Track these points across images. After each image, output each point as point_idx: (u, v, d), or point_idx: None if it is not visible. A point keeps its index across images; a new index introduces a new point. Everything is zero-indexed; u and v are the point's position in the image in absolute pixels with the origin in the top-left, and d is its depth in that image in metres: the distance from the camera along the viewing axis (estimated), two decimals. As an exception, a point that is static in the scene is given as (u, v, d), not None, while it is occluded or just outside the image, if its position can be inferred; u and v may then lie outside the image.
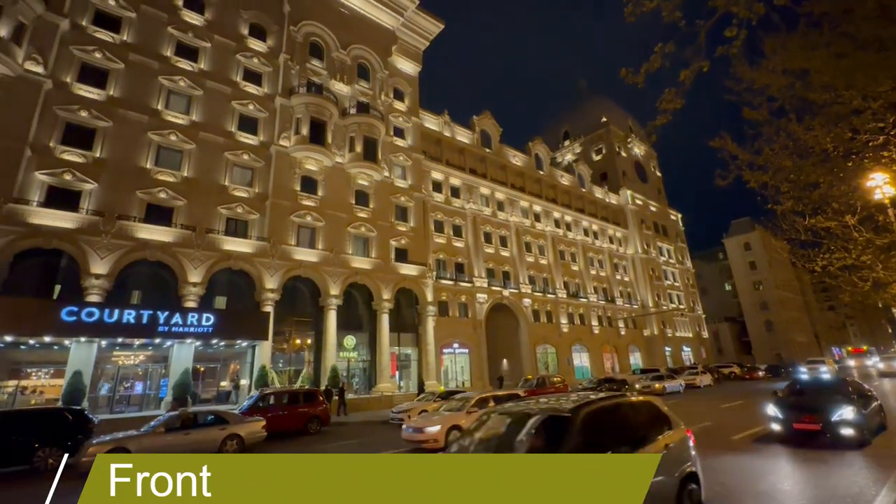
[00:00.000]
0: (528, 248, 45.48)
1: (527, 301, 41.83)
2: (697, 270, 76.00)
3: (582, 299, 48.38)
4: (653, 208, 66.48)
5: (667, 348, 56.70)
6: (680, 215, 73.32)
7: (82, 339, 19.16)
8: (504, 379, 39.10)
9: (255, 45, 30.55)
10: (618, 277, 55.49)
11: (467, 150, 43.99)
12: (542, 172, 51.76)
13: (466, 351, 36.10)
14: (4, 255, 18.79)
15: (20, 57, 21.08)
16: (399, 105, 37.80)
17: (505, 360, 41.72)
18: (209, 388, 24.57)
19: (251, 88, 29.32)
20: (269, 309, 24.84)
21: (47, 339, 18.77)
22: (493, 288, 39.38)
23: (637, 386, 26.75)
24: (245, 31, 30.35)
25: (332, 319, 27.28)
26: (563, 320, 44.92)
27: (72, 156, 21.99)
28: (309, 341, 27.58)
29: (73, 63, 23.24)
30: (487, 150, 45.96)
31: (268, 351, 24.10)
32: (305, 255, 27.48)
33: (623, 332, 51.89)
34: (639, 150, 70.77)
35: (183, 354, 21.98)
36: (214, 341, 22.71)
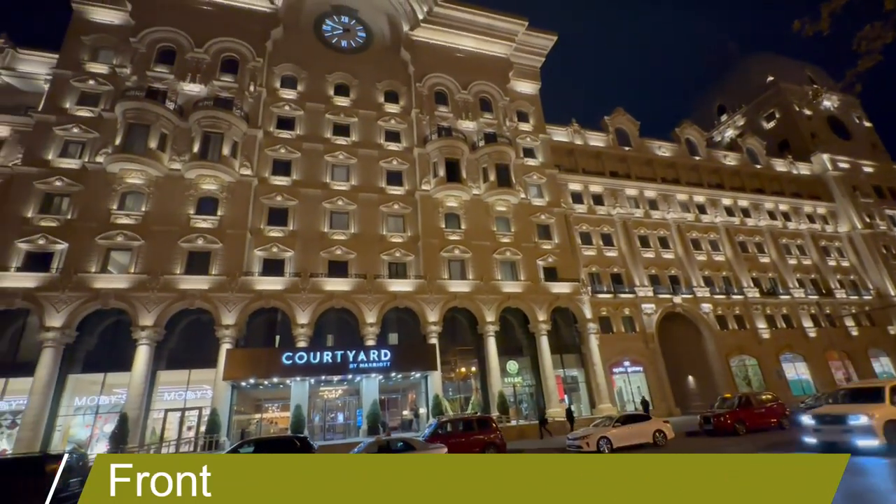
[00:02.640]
0: (697, 246, 39.64)
1: (706, 306, 36.06)
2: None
3: (783, 296, 39.53)
4: (868, 169, 51.74)
5: (935, 349, 41.74)
6: (916, 170, 55.16)
7: (298, 378, 23.40)
8: (692, 399, 33.87)
9: (391, 108, 34.74)
10: (831, 264, 43.94)
11: (604, 154, 41.41)
12: (697, 158, 45.34)
13: (640, 369, 32.59)
14: (242, 317, 24.49)
15: (237, 166, 28.04)
16: (524, 126, 38.06)
17: (690, 377, 36.23)
18: (394, 416, 27.24)
19: (393, 146, 33.18)
20: (434, 341, 26.68)
21: (275, 379, 23.46)
22: (661, 296, 35.14)
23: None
24: (381, 100, 34.86)
25: (492, 346, 27.83)
26: (761, 324, 37.18)
27: (275, 232, 27.87)
28: (473, 369, 28.53)
29: (268, 161, 29.83)
30: (627, 149, 42.51)
31: (438, 380, 25.71)
32: (458, 286, 28.98)
33: (855, 333, 40.26)
34: (830, 102, 56.51)
35: (370, 387, 24.98)
36: (393, 374, 25.26)
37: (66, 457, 12.41)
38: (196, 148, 27.06)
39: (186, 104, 28.68)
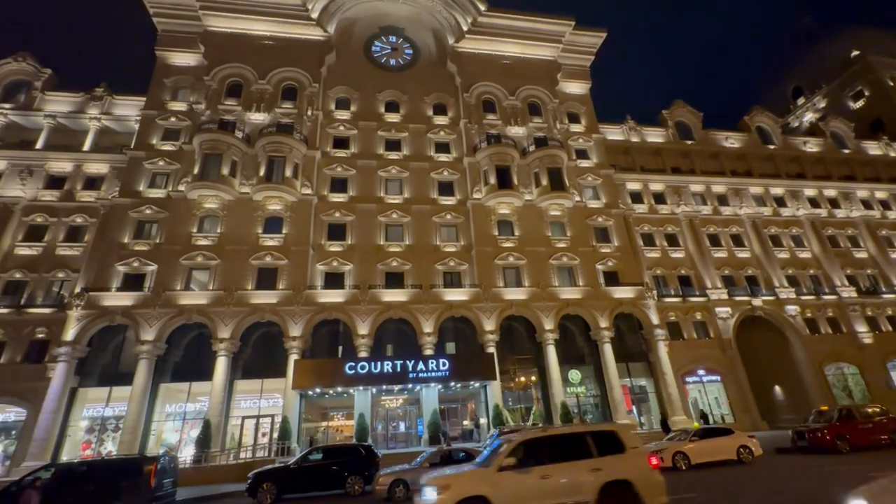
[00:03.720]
0: (777, 242, 36.21)
1: (791, 308, 32.67)
2: None
3: (886, 295, 34.89)
4: None
5: None
6: None
7: (360, 387, 24.10)
8: (781, 412, 30.66)
9: (440, 120, 35.31)
10: (947, 256, 38.20)
11: (664, 150, 39.25)
12: (772, 147, 41.66)
13: (717, 378, 30.09)
14: (307, 328, 25.74)
15: (298, 186, 29.75)
16: (576, 127, 37.07)
17: (777, 388, 32.86)
18: (455, 426, 27.17)
19: (443, 157, 33.63)
20: (491, 350, 26.40)
21: (339, 388, 24.32)
22: (737, 298, 32.35)
23: None
24: (430, 113, 35.56)
25: (551, 354, 27.04)
26: (861, 328, 32.99)
27: (335, 247, 29.14)
28: (533, 378, 27.82)
29: (326, 180, 31.37)
30: (689, 143, 40.00)
31: (497, 390, 25.35)
32: (514, 293, 28.54)
33: (984, 335, 34.50)
34: (933, 72, 49.71)
35: (430, 397, 25.15)
36: (451, 383, 25.26)
37: (160, 459, 13.63)
38: (262, 172, 29.12)
39: (252, 132, 31.03)
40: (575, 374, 24.78)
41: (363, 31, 38.10)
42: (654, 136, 40.00)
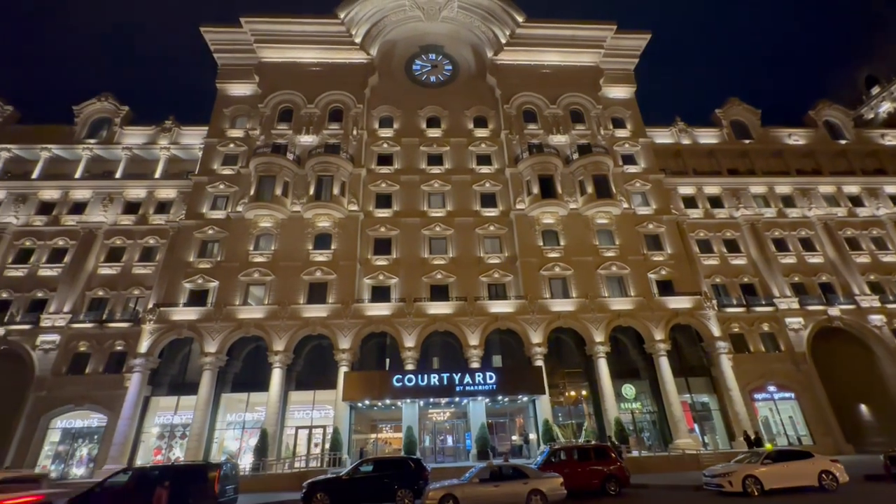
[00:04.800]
0: (855, 246, 33.06)
1: (876, 318, 29.50)
2: None
3: None
4: None
5: None
6: None
7: (408, 400, 24.26)
8: (868, 433, 27.51)
9: (480, 132, 35.53)
10: None
11: (719, 151, 37.18)
12: (844, 142, 38.36)
13: (790, 395, 27.59)
14: (356, 341, 26.37)
15: (345, 203, 30.88)
16: (621, 132, 36.00)
17: (863, 407, 29.59)
18: (503, 441, 26.62)
19: (484, 169, 33.72)
20: (539, 363, 25.77)
21: (387, 401, 24.60)
22: (810, 307, 29.69)
23: None
24: (471, 126, 35.88)
25: (603, 368, 25.97)
26: (964, 340, 29.14)
27: (381, 261, 29.83)
28: (584, 393, 26.78)
29: (371, 196, 32.33)
30: (747, 142, 37.67)
31: (547, 405, 24.63)
32: (561, 305, 27.81)
33: None
34: None
35: (477, 410, 24.85)
36: (499, 397, 24.84)
37: (223, 466, 14.34)
38: (312, 190, 30.54)
39: (302, 153, 32.69)
40: (629, 389, 23.75)
41: (404, 51, 39.35)
42: (707, 136, 38.01)
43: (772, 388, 27.67)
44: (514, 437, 26.91)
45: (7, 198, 31.67)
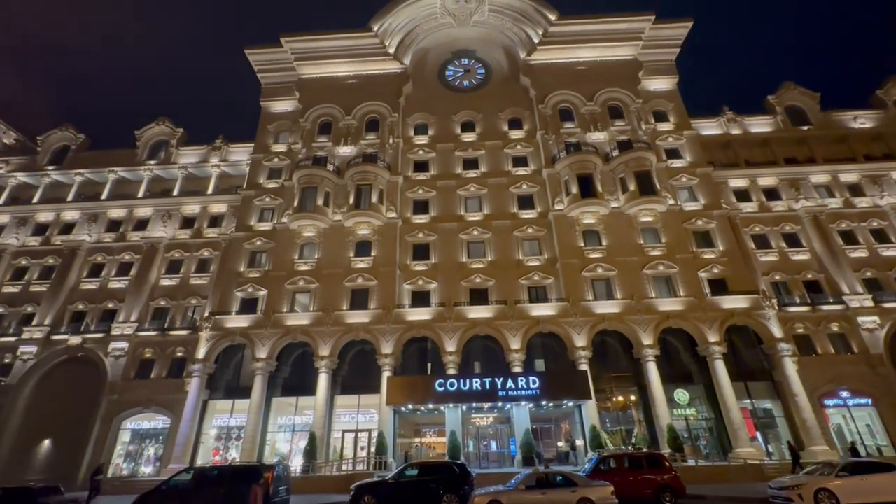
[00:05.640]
0: (937, 236, 29.85)
1: (968, 316, 26.46)
2: None
3: None
4: None
5: None
6: None
7: (450, 404, 24.27)
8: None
9: (515, 134, 35.23)
10: None
11: (773, 139, 34.87)
12: (919, 121, 34.80)
13: (866, 401, 25.23)
14: (397, 346, 26.72)
15: (384, 210, 31.49)
16: (664, 126, 34.57)
17: (956, 415, 26.51)
18: (548, 447, 26.01)
19: (521, 171, 33.37)
20: (584, 367, 25.04)
21: (430, 405, 24.73)
22: (886, 305, 27.12)
23: None
24: (506, 128, 35.66)
25: (653, 372, 24.85)
26: None
27: (419, 266, 30.13)
28: (633, 398, 25.74)
29: (409, 203, 32.78)
30: (805, 128, 35.10)
31: (593, 410, 23.85)
32: (606, 307, 26.93)
33: None
34: None
35: (521, 415, 24.45)
36: (543, 402, 24.32)
37: (276, 467, 14.91)
38: (351, 199, 31.40)
39: (342, 164, 33.70)
40: (682, 395, 22.61)
41: (436, 58, 39.78)
42: (760, 125, 35.74)
43: (844, 394, 25.42)
44: (559, 444, 26.25)
45: (81, 217, 34.74)
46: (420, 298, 29.09)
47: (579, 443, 24.60)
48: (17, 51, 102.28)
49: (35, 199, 36.09)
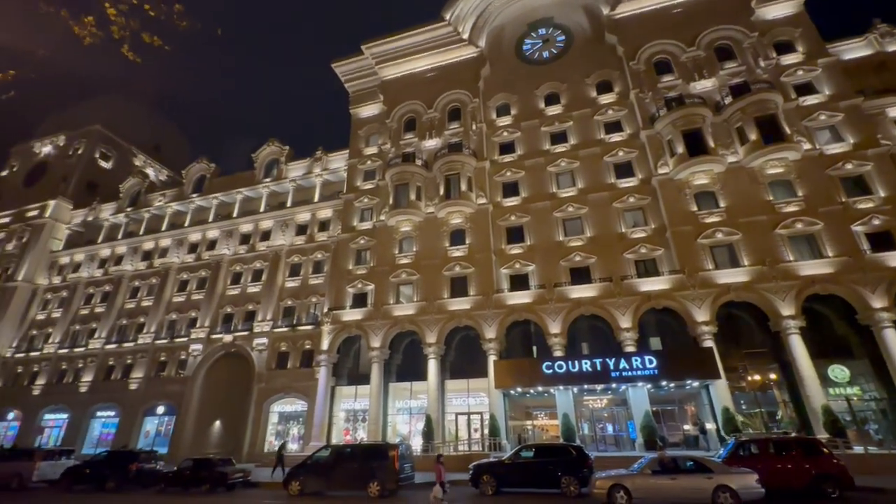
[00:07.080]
0: None
1: None
2: None
3: None
4: None
5: None
6: None
7: (560, 387, 23.80)
8: None
9: (605, 98, 32.69)
10: None
11: (951, 48, 27.42)
12: None
13: None
14: (500, 330, 26.86)
15: (474, 198, 31.65)
16: (790, 58, 29.27)
17: None
18: (673, 431, 24.16)
19: (615, 137, 30.96)
20: (709, 343, 22.65)
21: (539, 388, 24.52)
22: None
23: None
24: (594, 94, 33.26)
25: (798, 347, 21.54)
26: None
27: (515, 249, 29.81)
28: (773, 376, 22.65)
29: (498, 186, 32.45)
30: None
31: (724, 391, 21.52)
32: (730, 276, 23.94)
33: None
34: None
35: (638, 397, 23.04)
36: (662, 383, 22.62)
37: (400, 446, 16.14)
38: (441, 191, 32.10)
39: (429, 157, 34.58)
40: (840, 371, 19.35)
41: (512, 34, 38.47)
42: (930, 33, 28.35)
43: None
44: (686, 427, 24.22)
45: (220, 234, 40.76)
46: (518, 281, 28.83)
47: (710, 426, 22.45)
48: (152, 102, 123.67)
49: (186, 223, 43.23)
